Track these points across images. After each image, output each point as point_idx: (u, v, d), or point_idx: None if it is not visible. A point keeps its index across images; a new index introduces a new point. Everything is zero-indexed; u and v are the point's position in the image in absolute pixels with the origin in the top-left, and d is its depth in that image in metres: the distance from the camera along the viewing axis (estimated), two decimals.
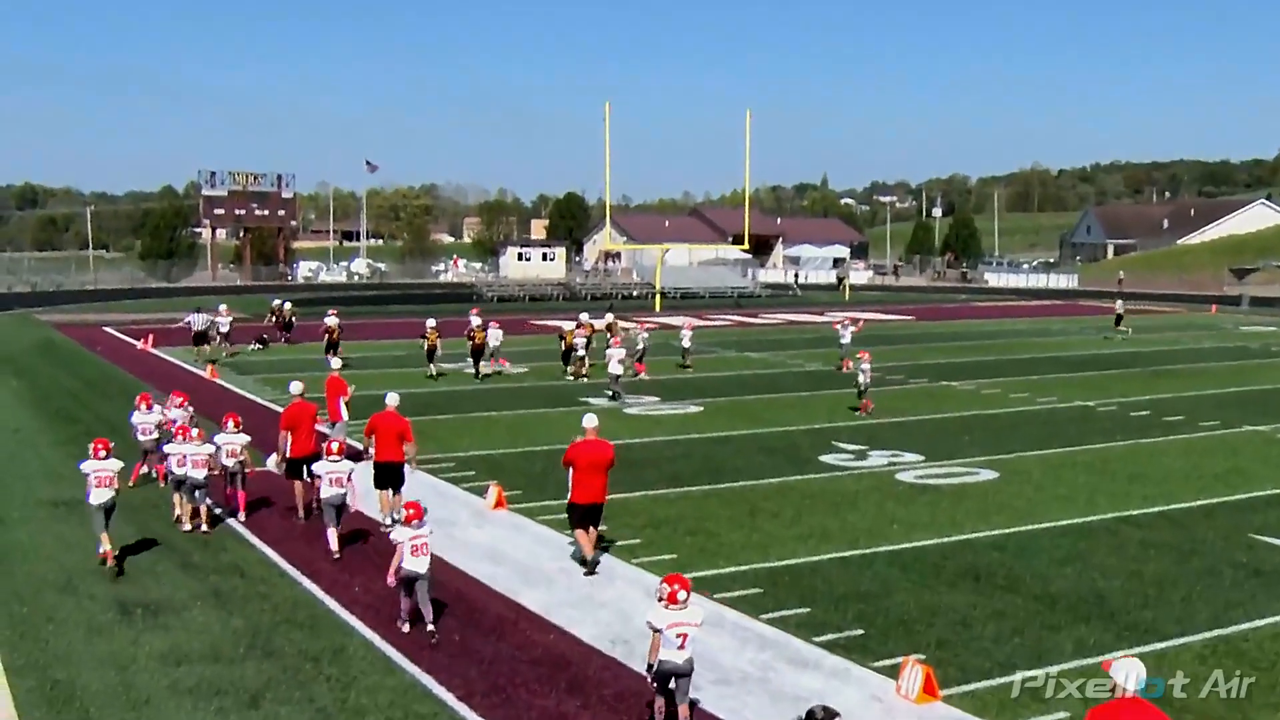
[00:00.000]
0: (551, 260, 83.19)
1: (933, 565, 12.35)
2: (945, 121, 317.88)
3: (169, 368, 30.37)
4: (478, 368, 28.11)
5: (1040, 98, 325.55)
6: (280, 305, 38.47)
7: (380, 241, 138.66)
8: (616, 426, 20.29)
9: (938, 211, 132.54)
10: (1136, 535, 13.58)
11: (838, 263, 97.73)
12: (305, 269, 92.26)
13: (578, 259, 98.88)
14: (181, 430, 14.39)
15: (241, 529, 13.85)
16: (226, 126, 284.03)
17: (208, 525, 13.67)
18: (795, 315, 53.41)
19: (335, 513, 12.83)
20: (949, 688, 8.92)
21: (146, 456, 16.07)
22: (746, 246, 70.55)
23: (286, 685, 9.07)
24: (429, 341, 28.14)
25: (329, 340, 30.28)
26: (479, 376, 27.92)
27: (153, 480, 15.88)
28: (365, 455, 14.76)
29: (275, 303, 39.24)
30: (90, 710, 8.61)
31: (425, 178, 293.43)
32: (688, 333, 31.74)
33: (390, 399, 14.61)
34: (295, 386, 15.63)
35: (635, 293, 68.49)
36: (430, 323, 28.90)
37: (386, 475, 13.95)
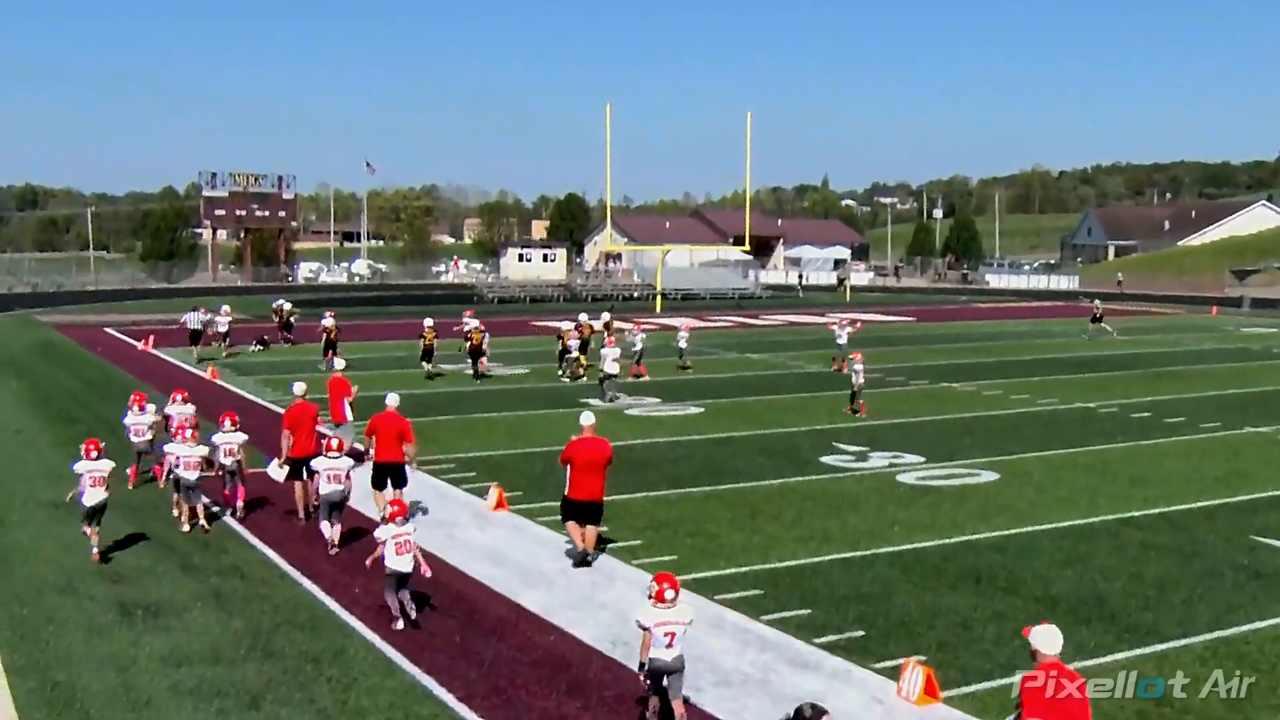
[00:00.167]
0: (552, 261, 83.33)
1: (933, 567, 12.34)
2: (946, 123, 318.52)
3: (169, 368, 30.38)
4: (476, 368, 28.33)
5: (1041, 99, 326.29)
6: (279, 305, 38.54)
7: (381, 242, 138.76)
8: (618, 427, 20.30)
9: (938, 213, 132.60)
10: (1137, 537, 13.57)
11: (838, 264, 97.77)
12: (306, 270, 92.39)
13: (578, 260, 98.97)
14: (179, 429, 14.44)
15: (243, 530, 13.84)
16: (227, 127, 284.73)
17: (206, 523, 13.67)
18: (796, 316, 53.44)
19: (332, 509, 12.86)
20: (950, 689, 8.92)
21: (141, 458, 16.06)
22: (747, 248, 70.54)
23: (287, 686, 9.07)
24: (426, 341, 28.49)
25: (326, 341, 30.42)
26: (477, 377, 28.10)
27: (150, 480, 15.91)
28: (366, 456, 14.79)
29: (275, 303, 39.31)
30: (91, 711, 8.60)
31: (426, 179, 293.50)
32: (685, 334, 31.80)
33: (390, 399, 14.64)
34: (298, 387, 15.67)
35: (636, 294, 68.47)
36: (427, 323, 29.20)
37: (387, 475, 13.97)
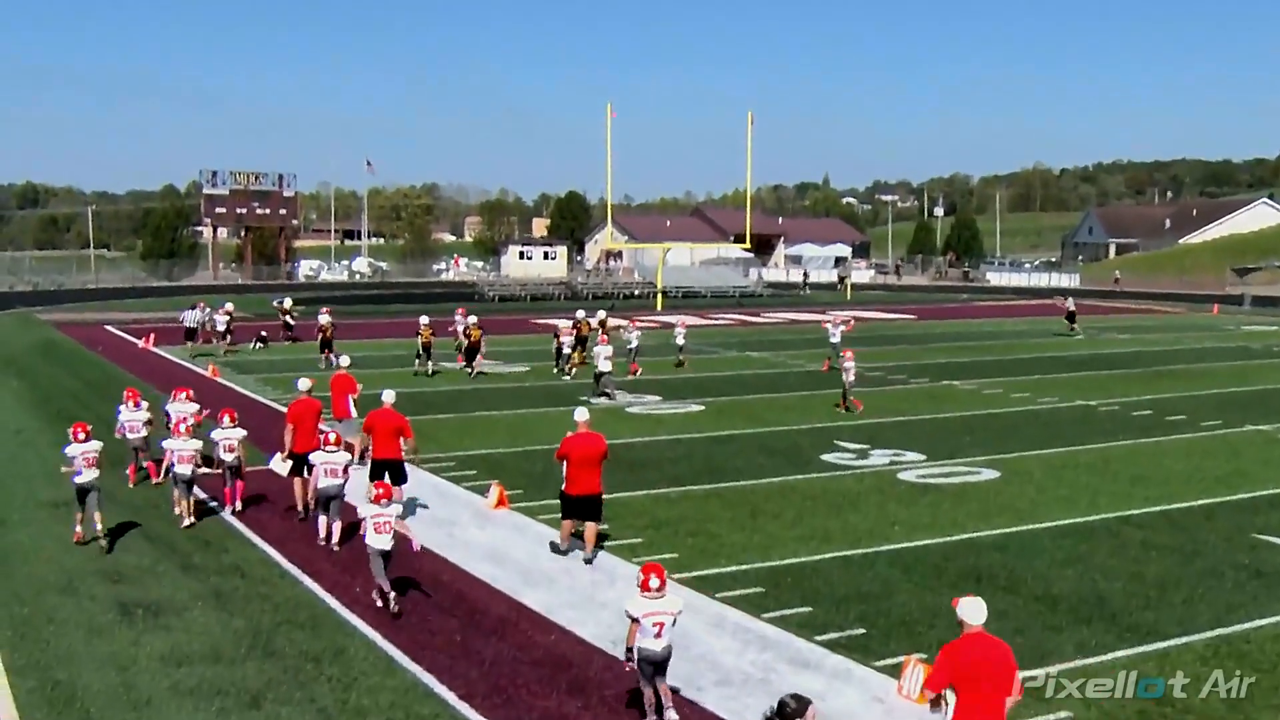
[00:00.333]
0: (553, 259, 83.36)
1: (934, 566, 12.34)
2: (947, 121, 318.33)
3: (170, 366, 30.38)
4: (471, 364, 28.56)
5: (1042, 97, 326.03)
6: (280, 303, 38.59)
7: (381, 241, 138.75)
8: (618, 425, 20.31)
9: (939, 211, 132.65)
10: (1138, 536, 13.56)
11: (839, 262, 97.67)
12: (306, 268, 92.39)
13: (579, 258, 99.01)
14: (178, 426, 14.45)
15: (243, 529, 13.84)
16: (228, 126, 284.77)
17: (195, 518, 13.78)
18: (797, 314, 53.41)
19: (330, 503, 12.86)
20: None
21: (138, 454, 16.07)
22: (748, 246, 70.52)
23: (288, 686, 9.07)
24: (423, 339, 28.64)
25: (323, 339, 30.50)
26: (473, 375, 28.24)
27: (148, 478, 15.91)
28: (365, 454, 14.79)
29: (275, 302, 39.38)
30: (91, 711, 8.61)
31: (426, 177, 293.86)
32: (682, 330, 31.84)
33: (386, 396, 14.65)
34: (303, 383, 15.68)
35: (637, 292, 68.49)
36: (423, 320, 29.36)
37: (385, 472, 13.96)
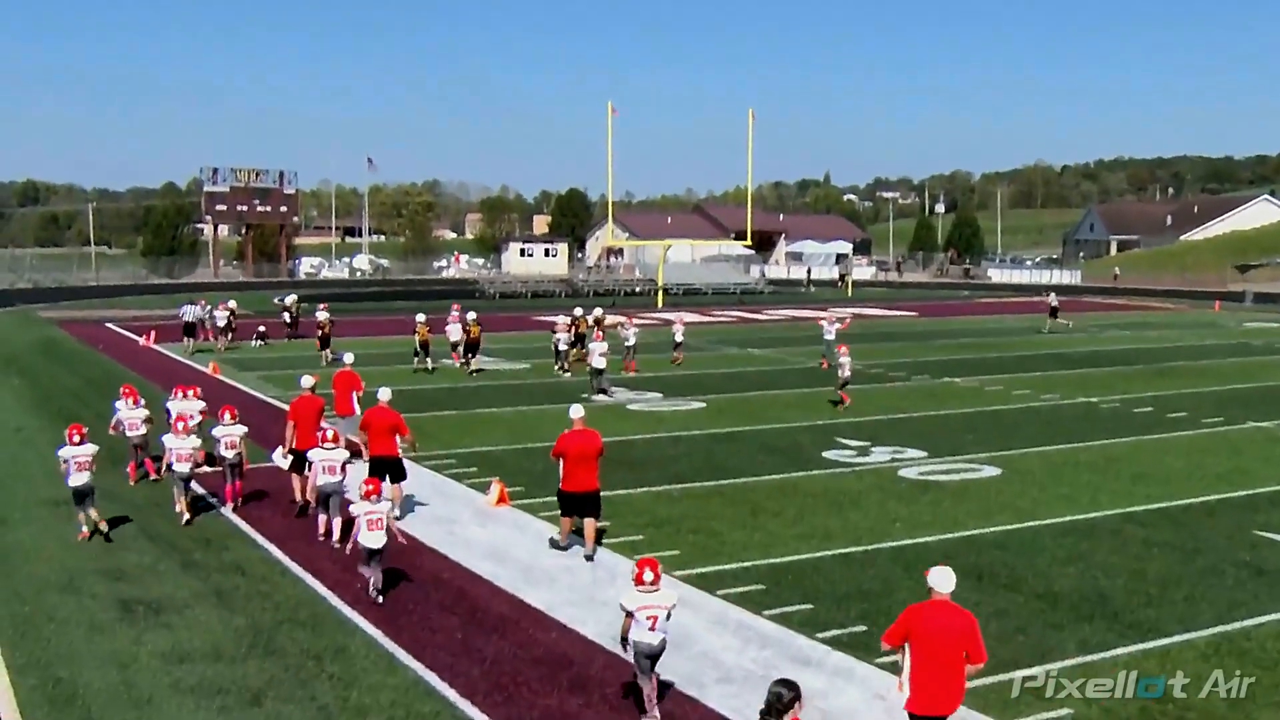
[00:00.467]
0: (554, 257, 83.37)
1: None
2: (948, 118, 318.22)
3: (171, 364, 30.37)
4: (468, 360, 28.62)
5: (1043, 94, 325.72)
6: (282, 300, 38.64)
7: (382, 238, 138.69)
8: (619, 423, 20.31)
9: (940, 208, 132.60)
10: (1139, 534, 13.56)
11: (840, 259, 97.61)
12: (307, 265, 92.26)
13: (580, 255, 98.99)
14: (177, 422, 14.46)
15: (245, 527, 13.84)
16: (229, 123, 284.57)
17: (190, 513, 13.82)
18: (798, 312, 53.37)
19: (328, 499, 12.88)
20: None
21: (138, 452, 16.06)
22: (749, 243, 70.49)
23: (289, 684, 9.07)
24: (420, 336, 28.63)
25: (321, 335, 30.51)
26: (471, 373, 28.26)
27: (147, 475, 15.92)
28: (364, 453, 14.76)
29: (276, 300, 39.41)
30: (92, 709, 8.61)
31: (427, 174, 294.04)
32: (679, 327, 31.82)
33: (382, 393, 14.65)
34: (306, 380, 15.64)
35: (638, 289, 68.45)
36: (420, 318, 29.40)
37: (384, 470, 13.95)
